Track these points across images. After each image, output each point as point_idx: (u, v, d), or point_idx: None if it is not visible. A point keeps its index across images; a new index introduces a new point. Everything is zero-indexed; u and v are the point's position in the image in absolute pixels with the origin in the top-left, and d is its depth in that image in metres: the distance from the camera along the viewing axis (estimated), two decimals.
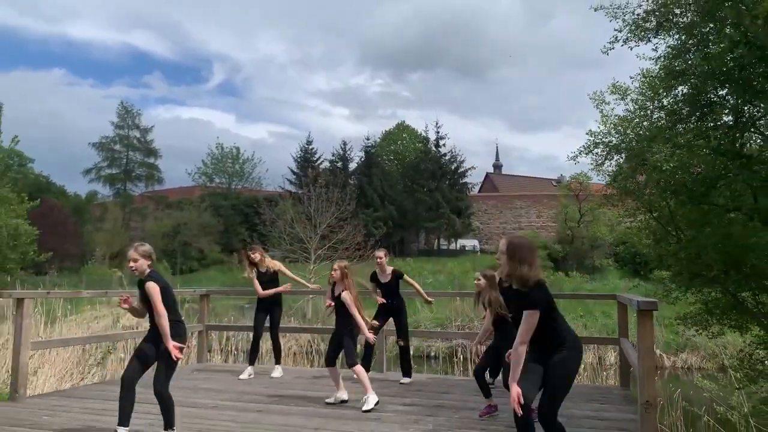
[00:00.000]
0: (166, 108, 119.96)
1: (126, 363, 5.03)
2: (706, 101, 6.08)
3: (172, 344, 4.56)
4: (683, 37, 5.70)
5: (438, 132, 46.46)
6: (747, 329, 7.48)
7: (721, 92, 6.24)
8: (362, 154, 47.37)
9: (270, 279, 7.75)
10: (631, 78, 6.89)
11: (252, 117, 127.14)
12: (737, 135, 5.61)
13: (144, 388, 4.67)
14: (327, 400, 6.07)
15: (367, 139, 48.18)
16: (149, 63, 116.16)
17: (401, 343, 7.27)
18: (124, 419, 4.57)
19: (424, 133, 48.48)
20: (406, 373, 7.36)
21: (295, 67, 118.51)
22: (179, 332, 4.68)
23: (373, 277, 7.47)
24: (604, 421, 5.50)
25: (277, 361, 7.99)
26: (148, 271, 4.72)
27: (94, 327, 14.78)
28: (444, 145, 46.30)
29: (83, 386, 7.56)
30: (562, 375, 3.60)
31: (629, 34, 5.93)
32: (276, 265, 7.85)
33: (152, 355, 4.74)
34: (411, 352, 7.73)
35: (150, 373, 4.69)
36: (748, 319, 7.15)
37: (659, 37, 5.83)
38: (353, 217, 31.34)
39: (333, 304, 6.04)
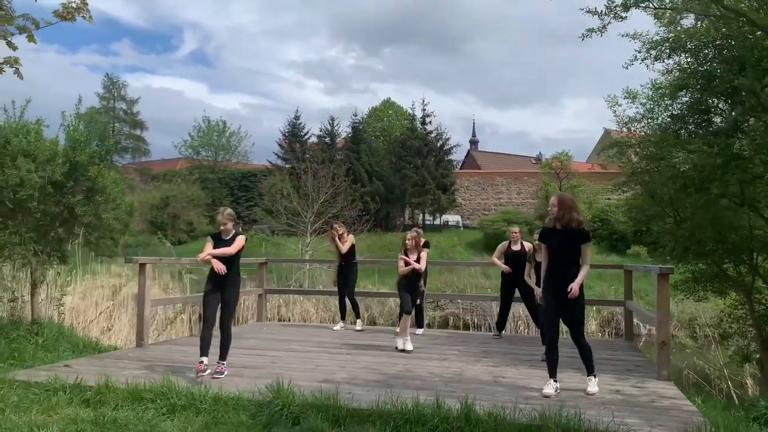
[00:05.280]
0: (136, 77, 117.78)
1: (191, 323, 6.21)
2: (704, 108, 7.57)
3: (209, 258, 5.81)
4: (689, 59, 7.15)
5: (424, 110, 47.48)
6: (726, 294, 9.12)
7: (717, 102, 7.75)
8: (350, 129, 48.30)
9: (348, 250, 9.25)
10: (641, 86, 8.35)
11: (224, 87, 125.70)
12: (731, 138, 7.09)
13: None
14: (398, 347, 7.34)
15: (355, 116, 48.98)
16: (117, 30, 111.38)
17: (418, 301, 8.61)
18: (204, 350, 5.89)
19: (410, 111, 49.50)
20: (420, 325, 9.11)
21: (268, 36, 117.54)
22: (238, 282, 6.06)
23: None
24: (620, 362, 7.02)
25: (357, 316, 9.49)
26: (233, 231, 6.06)
27: (96, 294, 15.57)
28: (430, 122, 47.37)
29: (183, 338, 8.96)
30: (582, 306, 5.15)
31: (646, 54, 7.35)
32: (353, 240, 9.41)
33: (219, 299, 5.96)
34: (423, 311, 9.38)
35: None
36: (728, 286, 8.76)
37: (671, 59, 7.27)
38: (345, 192, 32.51)
39: (411, 264, 7.54)
